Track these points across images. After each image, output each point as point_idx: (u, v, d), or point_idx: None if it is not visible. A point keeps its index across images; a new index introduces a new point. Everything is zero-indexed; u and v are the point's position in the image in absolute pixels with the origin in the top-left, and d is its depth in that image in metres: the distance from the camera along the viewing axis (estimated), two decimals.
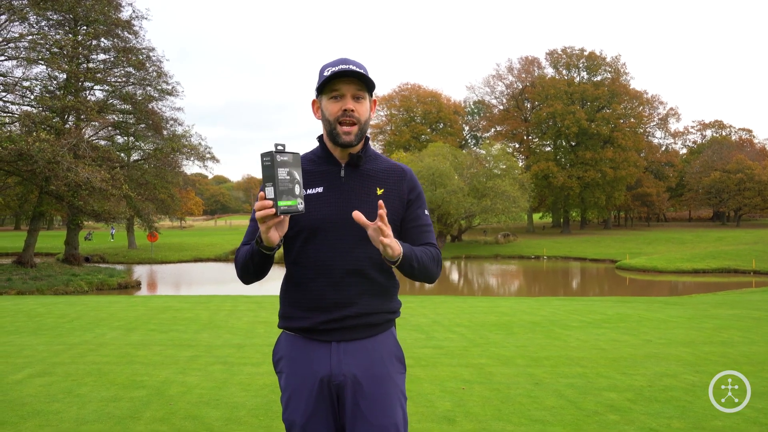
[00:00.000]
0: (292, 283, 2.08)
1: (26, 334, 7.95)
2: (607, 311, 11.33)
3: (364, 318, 2.03)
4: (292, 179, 1.81)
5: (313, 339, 2.04)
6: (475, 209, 43.43)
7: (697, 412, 4.50)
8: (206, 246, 43.39)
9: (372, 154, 2.15)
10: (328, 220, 2.01)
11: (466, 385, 5.29)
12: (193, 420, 4.23)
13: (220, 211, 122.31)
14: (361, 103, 2.03)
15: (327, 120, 2.04)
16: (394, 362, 2.09)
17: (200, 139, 33.81)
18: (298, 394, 2.02)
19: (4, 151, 20.87)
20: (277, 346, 2.15)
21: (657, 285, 28.00)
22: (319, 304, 2.02)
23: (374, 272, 2.03)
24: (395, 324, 2.20)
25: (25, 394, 4.86)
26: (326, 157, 2.09)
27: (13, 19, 24.73)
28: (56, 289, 21.56)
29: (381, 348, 2.06)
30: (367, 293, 2.03)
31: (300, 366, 2.04)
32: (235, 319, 9.54)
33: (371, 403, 1.99)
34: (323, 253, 2.01)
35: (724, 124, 78.66)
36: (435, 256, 2.10)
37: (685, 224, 70.73)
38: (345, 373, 2.00)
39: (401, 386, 2.08)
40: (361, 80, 2.01)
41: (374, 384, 2.01)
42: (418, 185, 2.17)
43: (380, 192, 2.07)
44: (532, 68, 65.23)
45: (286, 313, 2.10)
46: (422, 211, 2.16)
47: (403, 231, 2.13)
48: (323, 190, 2.04)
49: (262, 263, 1.97)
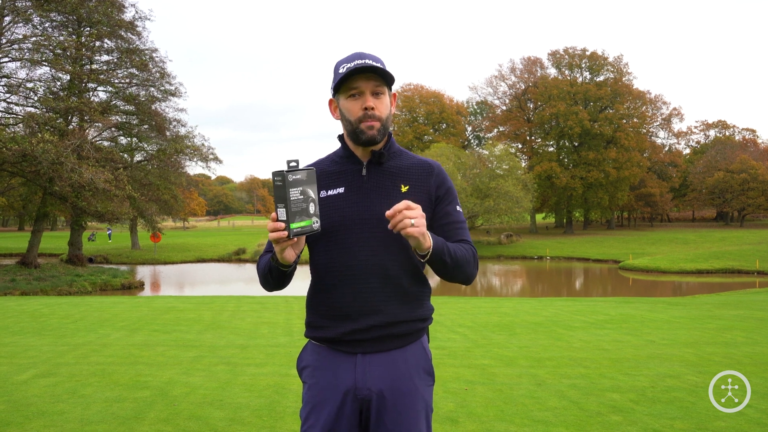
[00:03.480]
0: (316, 290, 2.00)
1: (30, 335, 7.99)
2: (610, 312, 11.32)
3: (392, 328, 1.92)
4: (306, 198, 1.73)
5: (339, 350, 1.95)
6: (478, 210, 43.43)
7: (700, 412, 4.50)
8: (209, 246, 43.44)
9: (396, 150, 2.03)
10: (350, 222, 1.92)
11: (468, 385, 5.30)
12: (196, 420, 4.24)
13: (223, 211, 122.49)
14: (381, 99, 1.93)
15: (347, 120, 1.94)
16: (422, 375, 1.98)
17: (203, 139, 33.78)
18: (321, 407, 1.93)
19: (8, 153, 20.94)
20: (303, 354, 2.07)
21: (660, 285, 27.93)
22: (342, 311, 1.92)
23: (402, 276, 1.93)
24: (428, 332, 2.07)
25: (30, 394, 4.88)
26: (348, 156, 2.00)
27: (16, 20, 24.80)
28: (60, 289, 21.61)
29: (409, 361, 1.95)
30: (394, 299, 1.92)
31: (324, 378, 1.95)
32: (239, 320, 9.56)
33: (395, 419, 1.90)
34: (346, 257, 1.91)
35: (728, 124, 78.50)
36: (472, 254, 1.97)
37: (688, 224, 70.57)
38: (370, 386, 1.90)
39: (428, 399, 1.99)
40: (379, 75, 1.90)
41: (400, 399, 1.91)
42: (447, 180, 2.04)
43: (405, 189, 1.96)
44: (535, 69, 65.18)
45: (312, 321, 2.01)
46: (453, 207, 2.02)
47: (434, 228, 1.99)
48: (344, 190, 1.96)
49: (280, 277, 1.90)
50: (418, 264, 1.94)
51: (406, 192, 1.95)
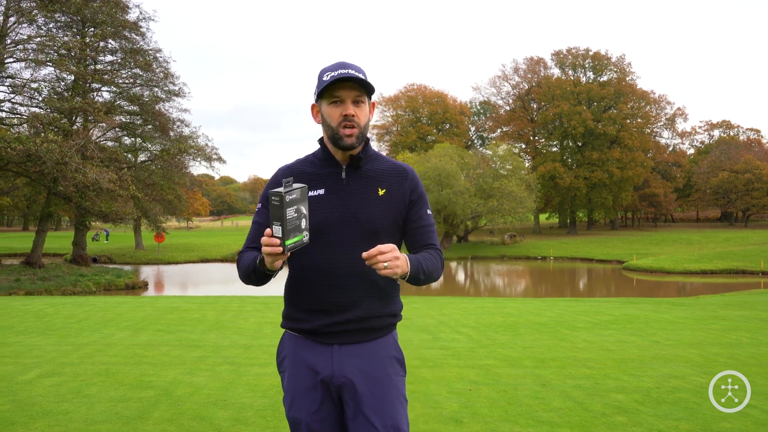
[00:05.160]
0: (295, 285, 2.13)
1: (35, 335, 8.00)
2: (614, 312, 11.29)
3: (366, 322, 2.07)
4: (299, 215, 1.84)
5: (316, 341, 2.08)
6: (481, 210, 43.36)
7: (705, 413, 4.48)
8: (213, 246, 43.50)
9: (372, 154, 2.17)
10: (330, 222, 2.04)
11: (472, 386, 5.29)
12: (201, 420, 4.25)
13: (227, 211, 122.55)
14: (360, 107, 2.06)
15: (328, 125, 2.06)
16: (395, 365, 2.12)
17: (207, 140, 33.85)
18: (302, 393, 2.06)
19: (13, 153, 21.02)
20: (281, 346, 2.19)
21: (664, 286, 27.87)
22: (321, 306, 2.06)
23: (376, 274, 2.03)
24: (396, 327, 2.22)
25: (35, 394, 4.89)
26: (327, 159, 2.12)
27: (21, 21, 24.90)
28: (64, 289, 21.67)
29: (381, 350, 2.10)
30: (369, 295, 2.06)
31: (302, 366, 2.08)
32: (242, 320, 9.57)
33: (371, 405, 2.03)
34: (325, 255, 2.04)
35: (732, 124, 78.18)
36: (440, 259, 2.14)
37: (692, 225, 70.33)
38: (346, 374, 2.04)
39: (401, 389, 2.11)
40: (360, 85, 2.03)
41: (374, 386, 2.05)
42: (420, 185, 2.19)
43: (382, 192, 2.10)
44: (538, 69, 65.09)
45: (290, 314, 2.14)
46: (425, 211, 2.18)
47: (406, 231, 2.17)
48: (324, 192, 2.08)
49: (263, 278, 2.03)
50: None
51: (383, 195, 2.10)
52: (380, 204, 2.09)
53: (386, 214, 2.09)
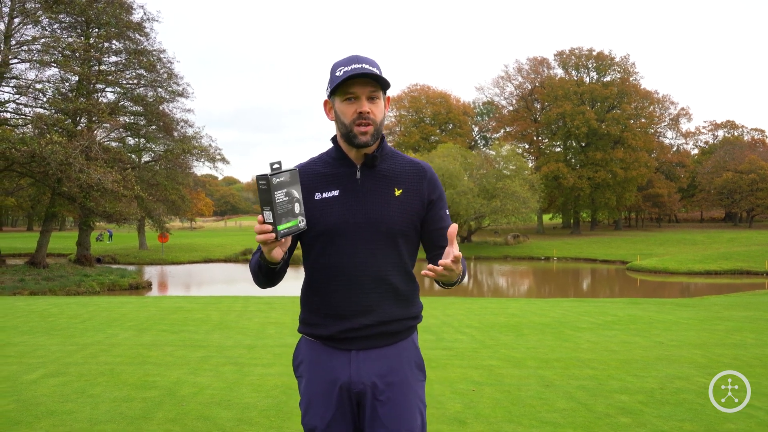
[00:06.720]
0: (311, 289, 2.05)
1: (39, 335, 8.03)
2: (617, 313, 11.27)
3: (384, 326, 1.99)
4: (291, 199, 1.77)
5: (333, 347, 2.02)
6: (484, 210, 43.35)
7: (709, 414, 4.47)
8: (216, 247, 43.56)
9: (388, 152, 2.07)
10: (345, 224, 1.96)
11: (476, 386, 5.28)
12: (204, 420, 4.26)
13: (230, 212, 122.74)
14: (375, 103, 1.96)
15: (342, 122, 1.97)
16: (414, 369, 2.05)
17: (210, 140, 33.92)
18: (318, 400, 2.00)
19: (18, 153, 21.10)
20: (297, 351, 2.13)
21: (668, 286, 27.79)
22: (337, 311, 1.98)
23: (395, 277, 1.99)
24: (417, 329, 2.15)
25: (39, 394, 4.91)
26: (341, 158, 2.03)
27: (26, 22, 24.98)
28: (68, 289, 21.71)
29: (400, 355, 2.03)
30: (387, 299, 1.99)
31: (320, 372, 2.02)
32: (246, 320, 9.58)
33: (390, 410, 1.96)
34: (341, 259, 1.96)
35: (736, 125, 77.97)
36: (464, 262, 2.05)
37: (696, 225, 70.15)
38: (364, 380, 1.97)
39: (420, 394, 2.04)
40: (375, 80, 1.93)
41: (393, 391, 1.98)
42: (438, 184, 2.10)
43: (398, 193, 2.01)
44: (541, 69, 65.04)
45: (306, 319, 2.08)
46: (444, 211, 2.10)
47: (425, 233, 2.07)
48: (339, 193, 1.99)
49: (270, 275, 1.95)
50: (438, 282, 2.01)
51: (399, 195, 2.01)
52: (397, 205, 1.99)
53: (403, 216, 1.99)
